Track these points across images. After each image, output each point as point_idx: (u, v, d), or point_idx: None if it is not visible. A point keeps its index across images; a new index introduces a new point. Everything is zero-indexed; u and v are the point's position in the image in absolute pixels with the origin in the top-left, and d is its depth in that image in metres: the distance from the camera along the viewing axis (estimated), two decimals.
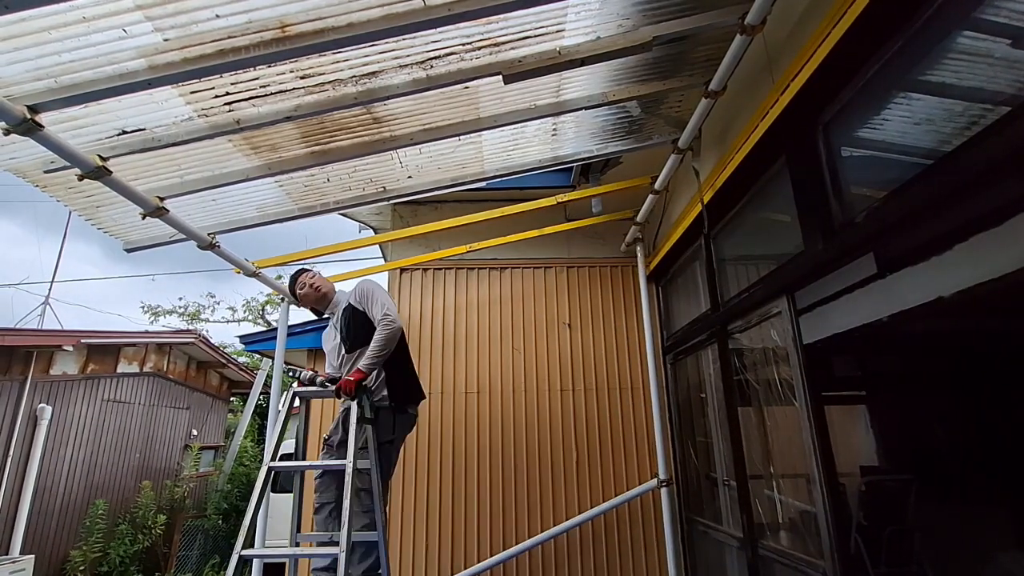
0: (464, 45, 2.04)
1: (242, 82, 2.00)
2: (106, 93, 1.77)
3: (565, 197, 3.80)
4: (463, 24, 1.88)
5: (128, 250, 2.87)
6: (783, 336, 2.45)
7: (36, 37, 1.62)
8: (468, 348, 4.32)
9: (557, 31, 2.09)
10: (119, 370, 9.11)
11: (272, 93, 2.07)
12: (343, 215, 4.15)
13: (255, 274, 3.27)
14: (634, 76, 2.53)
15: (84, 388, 8.37)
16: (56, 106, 1.76)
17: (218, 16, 1.67)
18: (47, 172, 2.14)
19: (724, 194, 2.95)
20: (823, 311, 2.18)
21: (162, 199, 2.44)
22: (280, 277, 9.78)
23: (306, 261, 3.78)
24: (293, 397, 2.83)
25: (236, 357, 14.27)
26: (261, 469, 2.51)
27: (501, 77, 2.15)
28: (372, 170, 2.93)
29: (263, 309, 20.40)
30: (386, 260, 5.31)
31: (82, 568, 7.30)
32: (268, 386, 11.87)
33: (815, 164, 2.16)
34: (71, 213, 2.65)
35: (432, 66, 2.10)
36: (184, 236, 2.75)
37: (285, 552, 2.79)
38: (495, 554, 3.80)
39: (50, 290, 14.18)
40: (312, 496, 2.96)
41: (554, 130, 2.93)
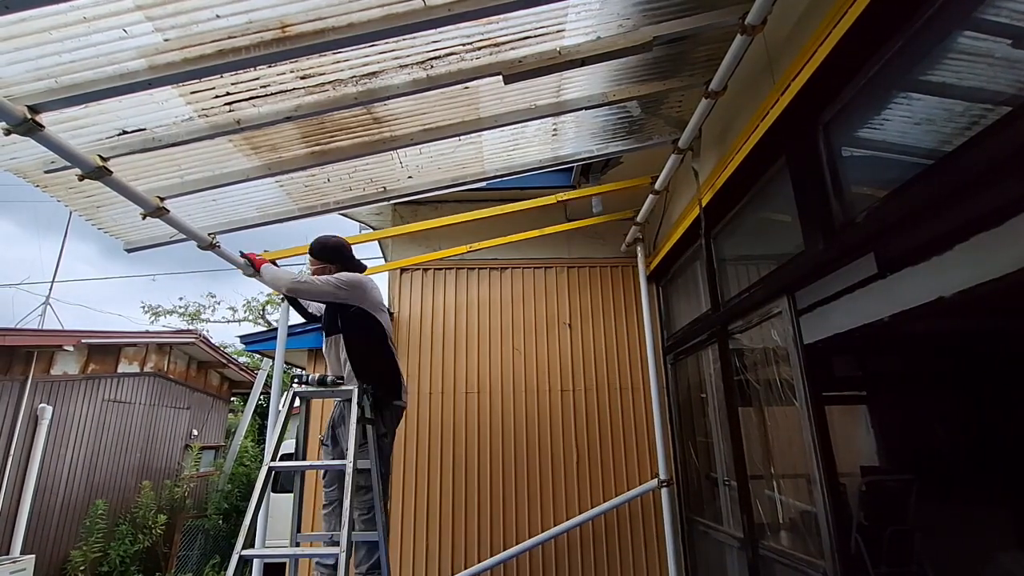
0: (464, 45, 2.04)
1: (242, 82, 2.00)
2: (106, 93, 1.77)
3: (565, 196, 3.80)
4: (463, 24, 1.88)
5: (128, 250, 2.87)
6: (783, 336, 2.45)
7: (37, 37, 1.62)
8: (468, 348, 4.33)
9: (557, 31, 2.09)
10: (120, 370, 9.11)
11: (272, 93, 2.08)
12: (343, 215, 4.15)
13: (255, 274, 3.26)
14: (634, 76, 2.53)
15: (85, 388, 8.37)
16: (57, 106, 1.77)
17: (218, 16, 1.67)
18: (47, 172, 2.14)
19: (725, 194, 2.95)
20: (823, 311, 2.18)
21: (162, 199, 2.45)
22: None
23: (305, 258, 3.76)
24: (293, 397, 2.83)
25: (236, 357, 14.25)
26: (261, 469, 2.51)
27: (501, 77, 2.15)
28: (372, 170, 2.93)
29: (264, 309, 20.39)
30: (386, 260, 5.31)
31: (82, 568, 7.29)
32: (268, 386, 11.88)
33: (815, 164, 2.16)
34: (71, 213, 2.65)
35: (432, 66, 2.10)
36: (184, 236, 2.76)
37: (285, 552, 2.80)
38: (495, 554, 3.80)
39: (51, 290, 14.18)
40: (313, 496, 2.96)
41: (554, 130, 2.93)
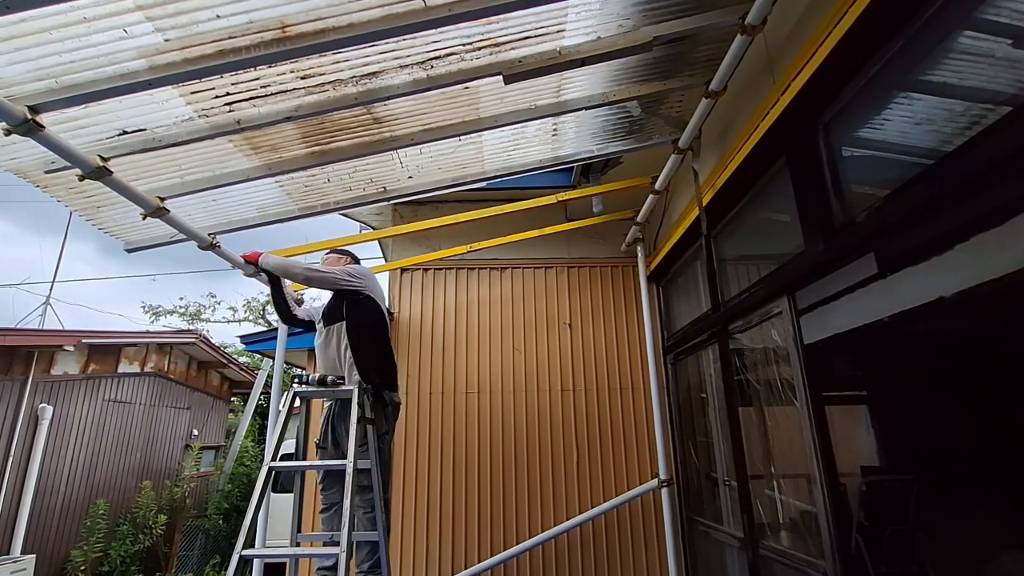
0: (464, 45, 2.04)
1: (243, 82, 2.00)
2: (107, 93, 1.77)
3: (565, 196, 3.80)
4: (463, 24, 1.88)
5: (129, 250, 2.87)
6: (784, 336, 2.45)
7: (37, 37, 1.62)
8: (468, 348, 4.33)
9: (557, 31, 2.09)
10: (120, 370, 9.11)
11: (273, 93, 2.08)
12: (344, 215, 4.15)
13: (256, 274, 3.27)
14: (634, 76, 2.53)
15: (85, 388, 8.37)
16: (57, 106, 1.77)
17: (219, 16, 1.67)
18: (48, 172, 2.14)
19: (725, 194, 2.94)
20: (824, 311, 2.18)
21: (163, 199, 2.45)
22: None
23: (305, 257, 3.77)
24: (294, 397, 2.83)
25: (237, 357, 14.25)
26: (262, 469, 2.51)
27: (501, 77, 2.15)
28: (372, 170, 2.93)
29: (264, 309, 20.38)
30: (387, 260, 5.31)
31: (83, 568, 7.30)
32: (269, 386, 11.87)
33: (816, 164, 2.16)
34: (71, 213, 2.65)
35: (432, 66, 2.10)
36: (185, 236, 2.76)
37: (286, 552, 2.80)
38: (495, 554, 3.80)
39: (51, 290, 14.17)
40: (313, 496, 2.96)
41: (554, 130, 2.93)
